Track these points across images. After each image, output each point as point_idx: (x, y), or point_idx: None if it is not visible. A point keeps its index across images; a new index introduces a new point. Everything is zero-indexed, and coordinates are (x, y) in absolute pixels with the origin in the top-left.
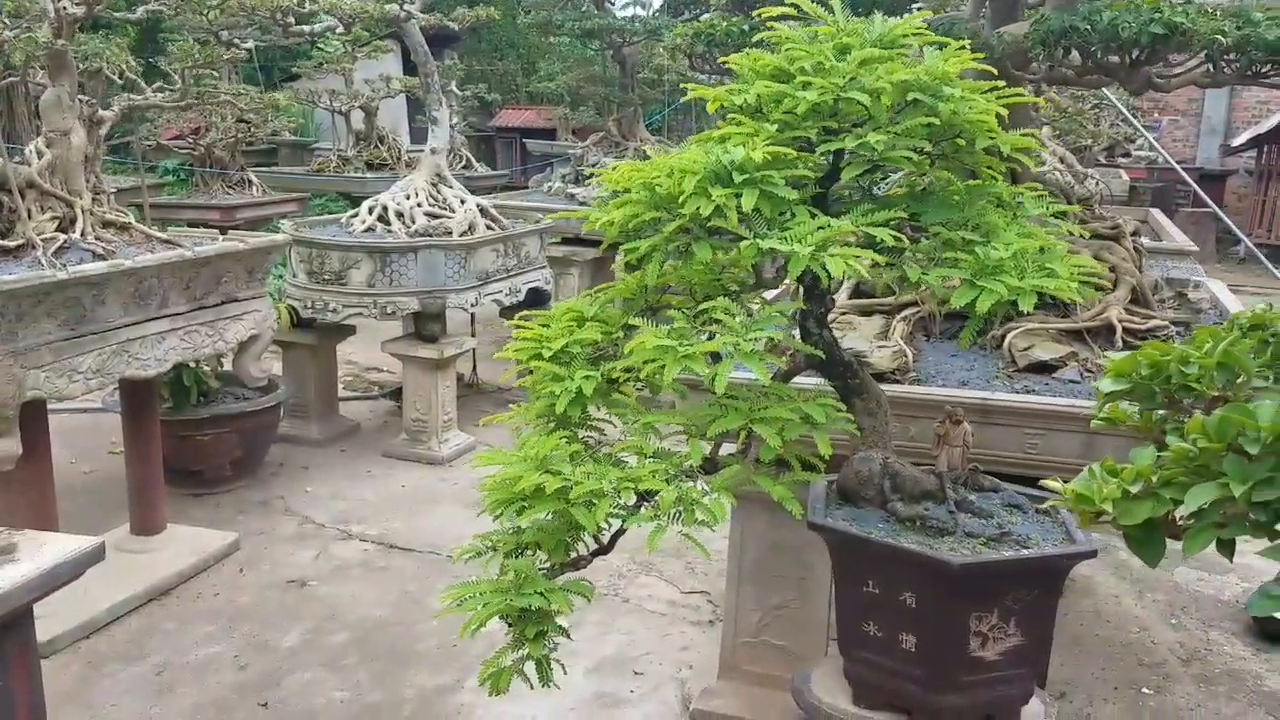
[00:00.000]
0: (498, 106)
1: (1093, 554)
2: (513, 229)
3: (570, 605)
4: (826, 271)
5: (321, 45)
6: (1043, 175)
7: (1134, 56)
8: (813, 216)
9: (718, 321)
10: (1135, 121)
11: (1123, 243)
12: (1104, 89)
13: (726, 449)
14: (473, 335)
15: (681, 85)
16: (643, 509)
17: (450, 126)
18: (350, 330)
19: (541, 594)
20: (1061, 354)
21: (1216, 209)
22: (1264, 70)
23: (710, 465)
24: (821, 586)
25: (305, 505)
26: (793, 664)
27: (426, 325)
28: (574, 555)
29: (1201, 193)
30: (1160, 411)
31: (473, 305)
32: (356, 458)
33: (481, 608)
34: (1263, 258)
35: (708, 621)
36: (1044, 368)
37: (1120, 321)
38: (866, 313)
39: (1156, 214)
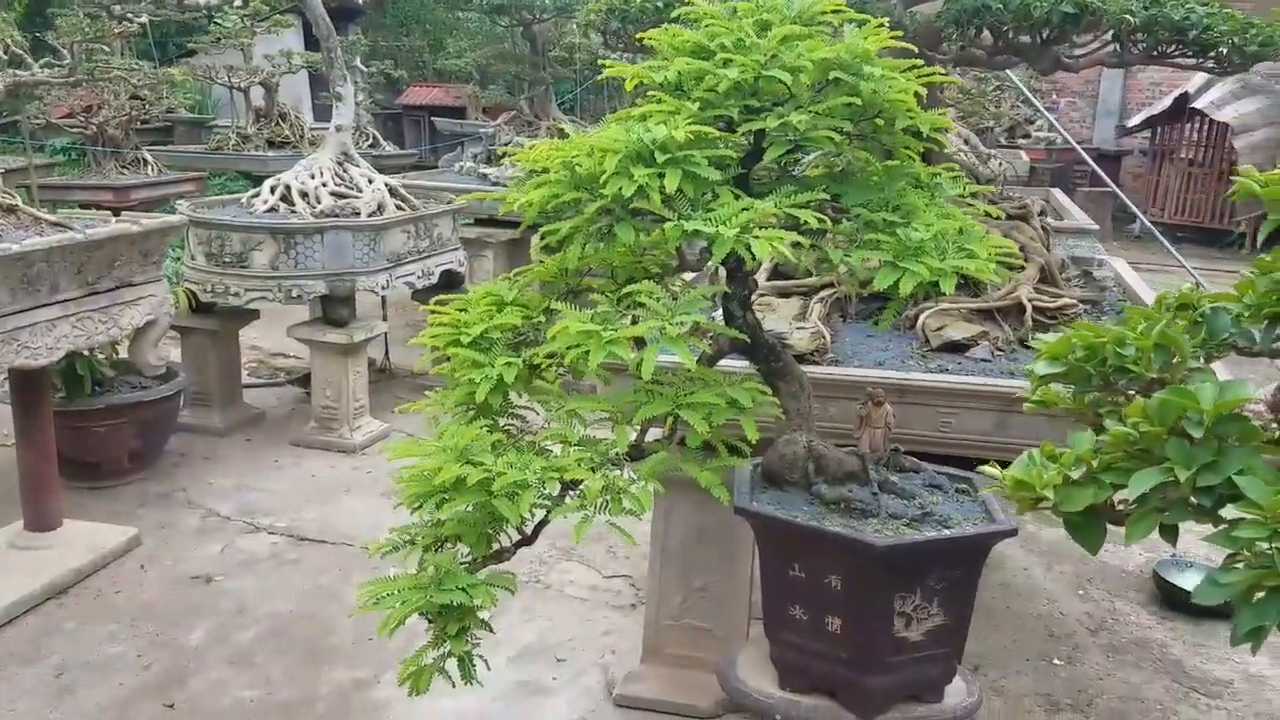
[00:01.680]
0: (405, 84)
1: (1013, 532)
2: (424, 209)
3: (494, 599)
4: (751, 254)
5: (219, 20)
6: (950, 156)
7: (1044, 36)
8: (736, 198)
9: (642, 305)
10: (1037, 103)
11: (1030, 223)
12: (1006, 70)
13: (653, 434)
14: (384, 319)
15: (596, 63)
16: (568, 498)
17: (356, 104)
18: (254, 315)
19: (463, 589)
20: (973, 333)
21: (1115, 188)
22: (1169, 50)
23: (636, 452)
24: (744, 567)
25: (209, 497)
26: (716, 645)
27: (335, 309)
28: (496, 547)
29: (1101, 173)
30: (1094, 394)
31: (383, 288)
32: (263, 447)
33: (400, 605)
34: (1159, 235)
35: (630, 605)
36: (956, 347)
37: (1030, 300)
38: (785, 294)
39: (1057, 194)
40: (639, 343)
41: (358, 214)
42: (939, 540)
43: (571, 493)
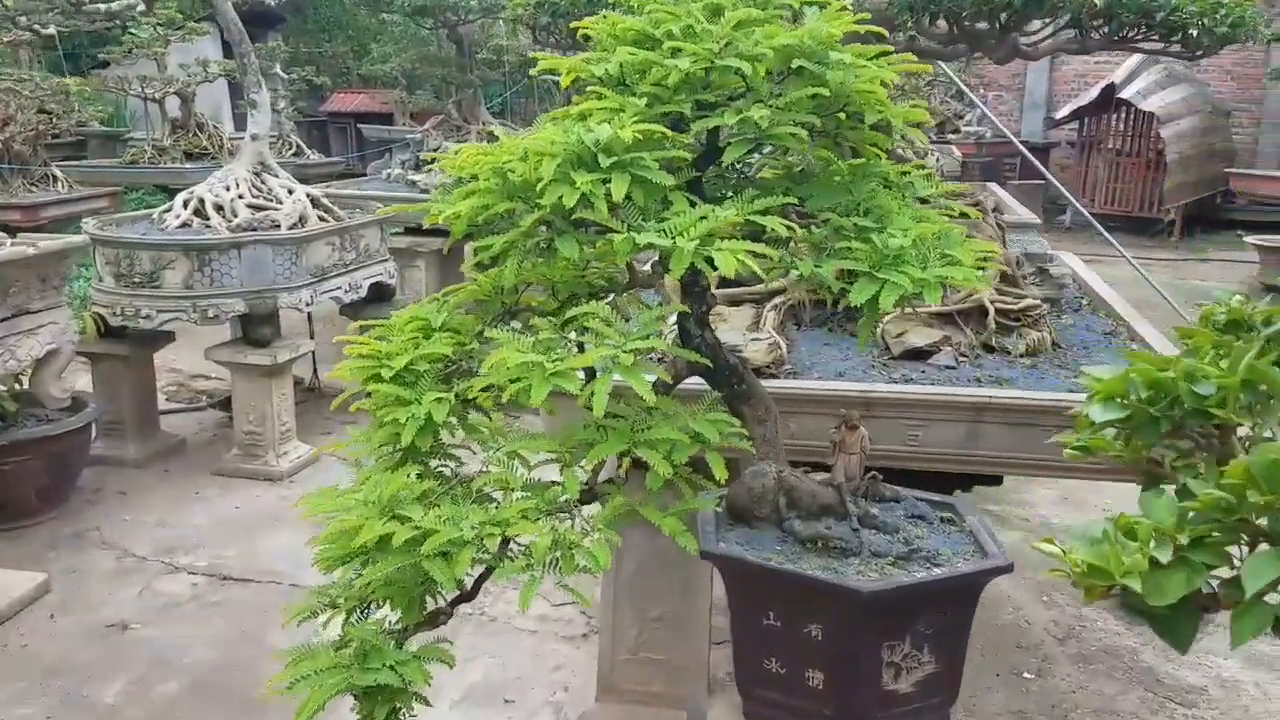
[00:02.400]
0: (328, 91)
1: (1009, 568)
2: (349, 220)
3: (428, 677)
4: (713, 267)
5: (133, 30)
6: (891, 153)
7: (1003, 22)
8: (692, 205)
9: (589, 330)
10: (974, 97)
11: (986, 220)
12: (939, 63)
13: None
14: (311, 336)
15: (526, 65)
16: (512, 552)
17: (276, 111)
18: (168, 337)
19: (392, 667)
20: (935, 339)
21: (1053, 180)
22: (1133, 34)
23: (588, 495)
24: (702, 594)
25: (125, 536)
26: (674, 677)
27: (256, 328)
28: (431, 609)
29: (1039, 165)
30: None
31: (308, 304)
32: (183, 478)
33: (317, 689)
34: (1099, 227)
35: (581, 635)
36: (918, 354)
37: (992, 302)
38: (735, 302)
39: (994, 188)
40: (588, 373)
41: (277, 226)
42: (930, 582)
43: (516, 547)
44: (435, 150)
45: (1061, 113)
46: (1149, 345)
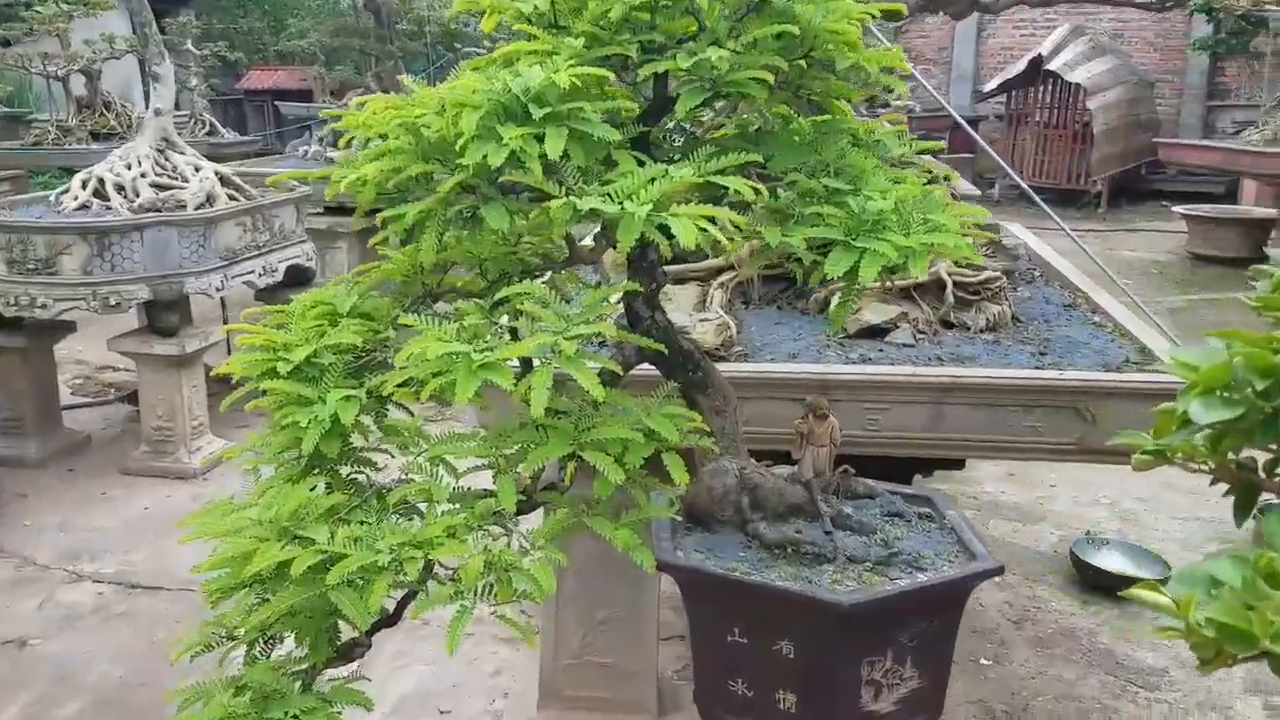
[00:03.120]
0: (244, 67)
1: (1000, 570)
2: (262, 199)
3: None
4: (670, 237)
5: (36, 6)
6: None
7: None
8: (640, 165)
9: (523, 313)
10: (912, 69)
11: (943, 188)
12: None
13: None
14: (224, 323)
15: (450, 30)
16: (438, 577)
17: (189, 89)
18: (68, 327)
19: (296, 716)
20: (892, 315)
21: (992, 153)
22: None
23: (527, 505)
24: (651, 592)
25: (24, 543)
26: (620, 683)
27: (162, 316)
28: (344, 641)
29: (977, 137)
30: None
31: (219, 289)
32: (88, 478)
33: None
34: (1038, 199)
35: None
36: (874, 331)
37: (950, 275)
38: (680, 280)
39: (930, 160)
40: (524, 364)
41: (183, 207)
42: (915, 590)
43: (442, 571)
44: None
45: (989, 85)
46: (1111, 317)
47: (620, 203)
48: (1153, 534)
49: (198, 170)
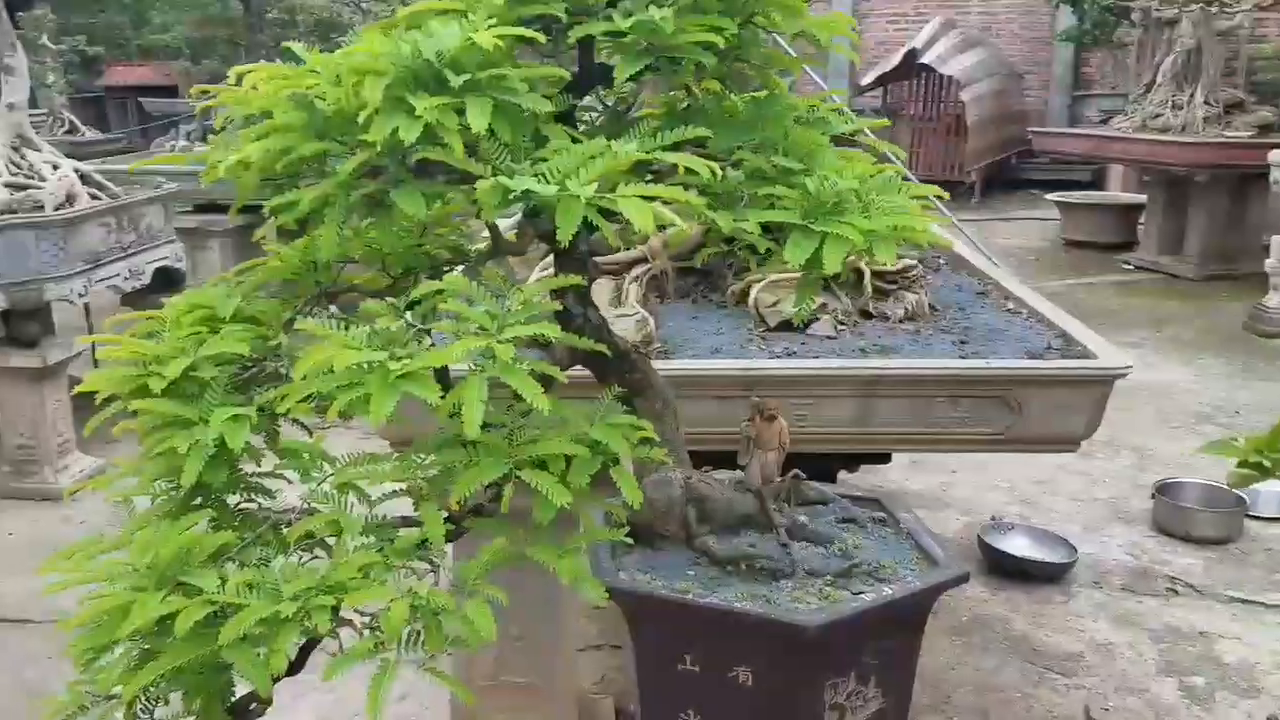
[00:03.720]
0: (104, 62)
1: (966, 578)
2: (126, 197)
3: None
4: (615, 222)
5: None
6: None
7: None
8: (574, 142)
9: (442, 314)
10: (806, 67)
11: None
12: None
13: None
14: (90, 331)
15: (324, 19)
16: (355, 627)
17: (47, 86)
18: None
19: None
20: (812, 308)
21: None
22: None
23: (456, 533)
24: (567, 606)
25: None
26: (540, 705)
27: (20, 326)
28: (239, 698)
29: (870, 134)
30: None
31: (81, 295)
32: None
33: None
34: (933, 198)
35: (430, 656)
36: (793, 324)
37: (868, 264)
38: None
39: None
40: (438, 373)
41: (41, 207)
42: (883, 605)
43: (358, 620)
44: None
45: (866, 80)
46: (1025, 303)
47: (559, 183)
48: (1053, 516)
49: (56, 168)
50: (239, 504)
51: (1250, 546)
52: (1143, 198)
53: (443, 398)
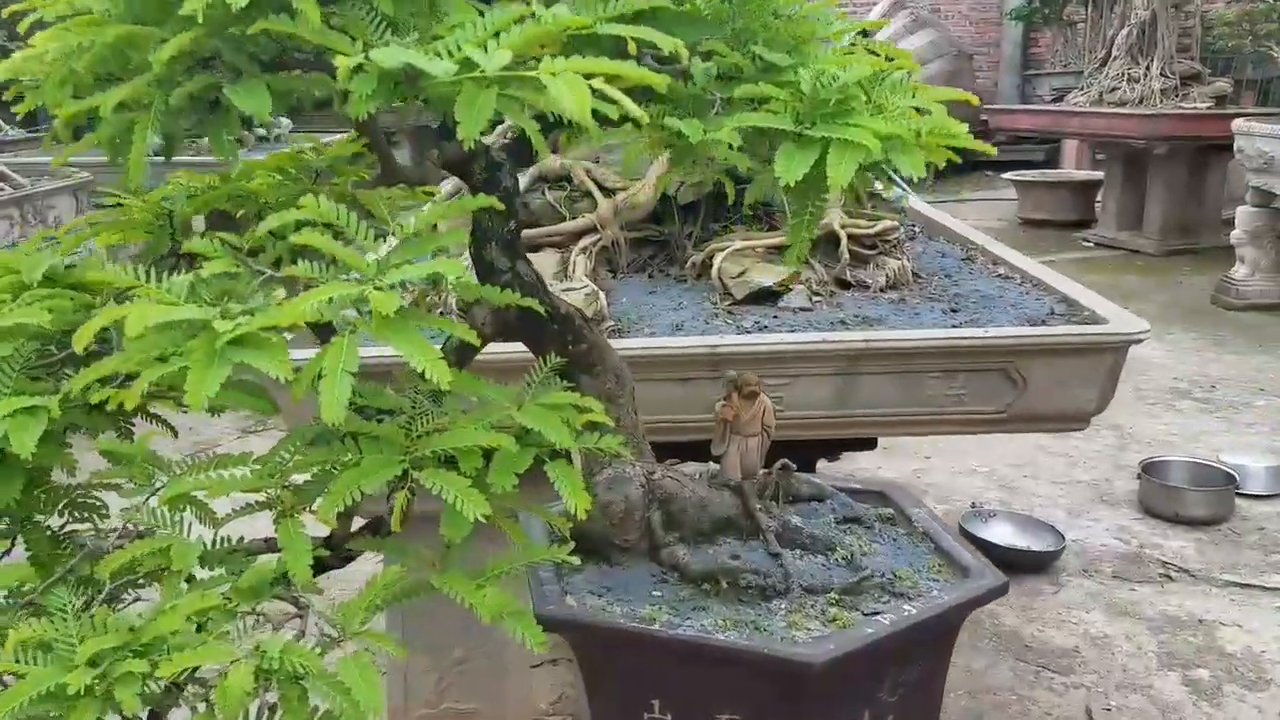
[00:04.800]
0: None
1: (1005, 589)
2: (33, 188)
3: None
4: (558, 122)
5: None
6: None
7: None
8: (481, 13)
9: (308, 254)
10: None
11: None
12: None
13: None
14: None
15: None
16: (188, 697)
17: None
18: None
19: None
20: (783, 276)
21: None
22: None
23: (336, 559)
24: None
25: None
26: None
27: None
28: None
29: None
30: None
31: None
32: None
33: None
34: (897, 179)
35: None
36: (764, 295)
37: (844, 228)
38: (534, 247)
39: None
40: (321, 334)
41: None
42: (905, 629)
43: (194, 688)
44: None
45: None
46: (1018, 268)
47: (460, 61)
48: (1035, 500)
49: None
50: (65, 527)
51: (1243, 526)
52: (1099, 175)
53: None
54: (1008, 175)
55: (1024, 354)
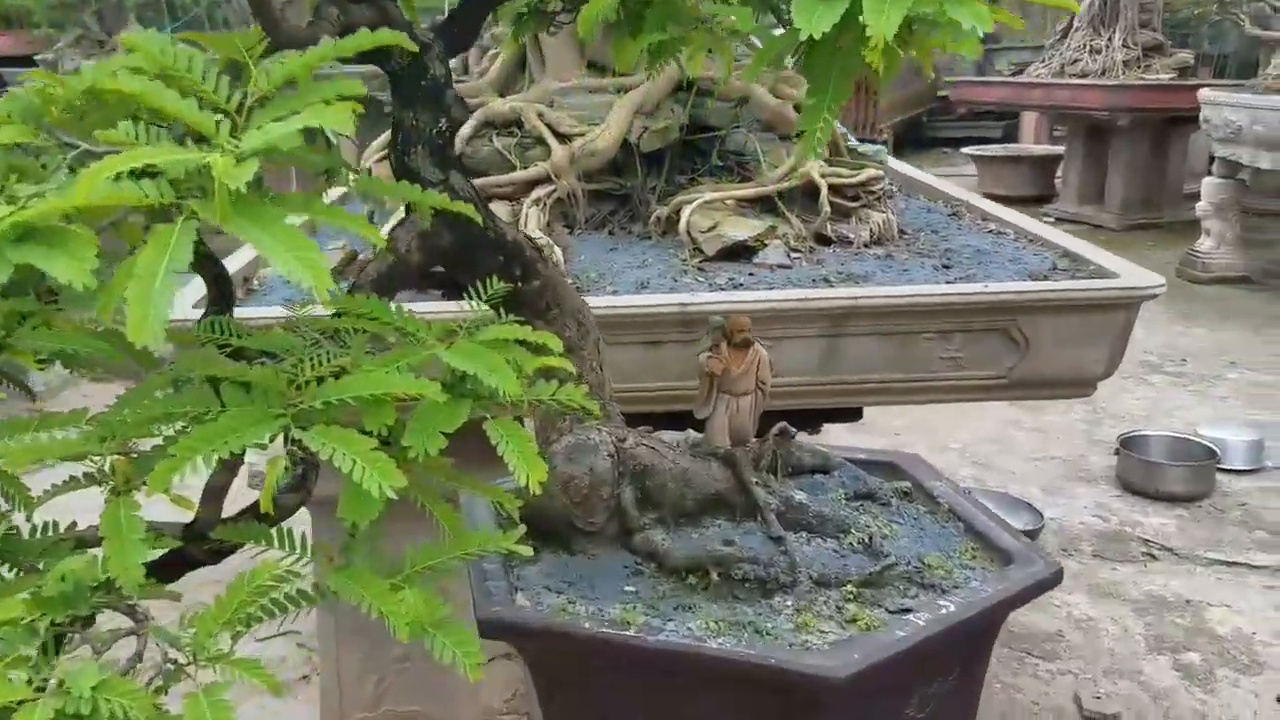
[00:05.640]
0: None
1: (1059, 577)
2: None
3: None
4: None
5: None
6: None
7: None
8: None
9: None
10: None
11: (795, 77)
12: None
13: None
14: None
15: None
16: None
17: None
18: None
19: None
20: (758, 230)
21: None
22: None
23: (209, 552)
24: (465, 612)
25: None
26: None
27: None
28: None
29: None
30: None
31: None
32: None
33: None
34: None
35: (302, 679)
36: (738, 251)
37: (824, 177)
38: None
39: None
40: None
41: None
42: (944, 632)
43: None
44: (73, 70)
45: None
46: (1010, 223)
47: None
48: (1011, 477)
49: None
50: None
51: (1224, 502)
52: (1060, 149)
53: None
54: (967, 150)
55: (1027, 311)
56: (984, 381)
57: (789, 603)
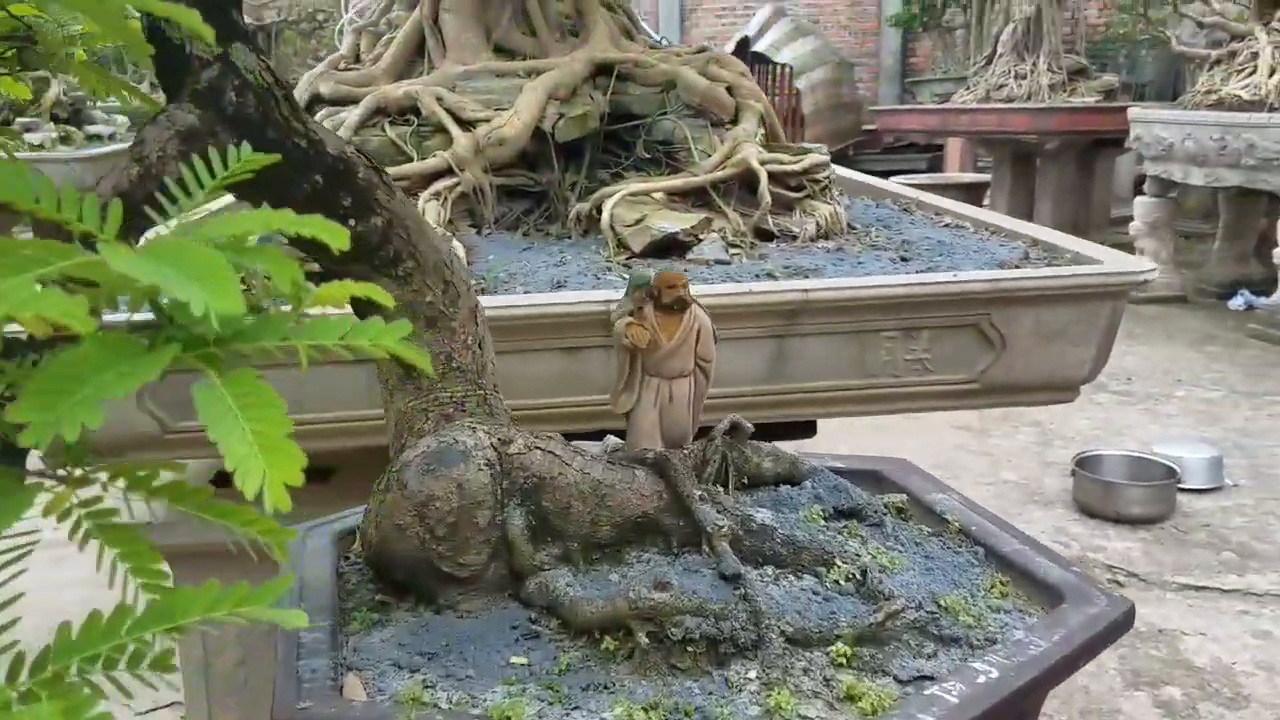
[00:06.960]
0: None
1: (1130, 620)
2: None
3: None
4: None
5: None
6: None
7: None
8: None
9: None
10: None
11: (726, 61)
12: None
13: None
14: None
15: None
16: None
17: None
18: None
19: None
20: (691, 224)
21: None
22: None
23: None
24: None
25: None
26: None
27: None
28: None
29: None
30: None
31: None
32: None
33: None
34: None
35: None
36: (668, 248)
37: (764, 165)
38: None
39: None
40: None
41: None
42: (990, 710)
43: None
44: None
45: None
46: (967, 216)
47: None
48: None
49: None
50: None
51: (1187, 524)
52: (986, 177)
53: None
54: (894, 180)
55: (1002, 303)
56: (953, 387)
57: (752, 673)
